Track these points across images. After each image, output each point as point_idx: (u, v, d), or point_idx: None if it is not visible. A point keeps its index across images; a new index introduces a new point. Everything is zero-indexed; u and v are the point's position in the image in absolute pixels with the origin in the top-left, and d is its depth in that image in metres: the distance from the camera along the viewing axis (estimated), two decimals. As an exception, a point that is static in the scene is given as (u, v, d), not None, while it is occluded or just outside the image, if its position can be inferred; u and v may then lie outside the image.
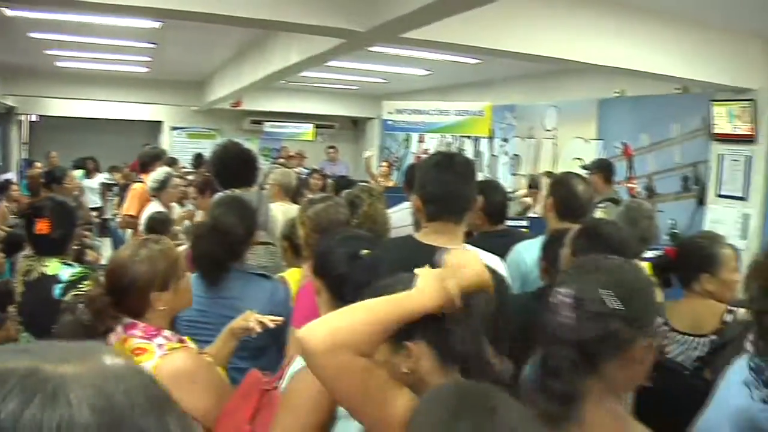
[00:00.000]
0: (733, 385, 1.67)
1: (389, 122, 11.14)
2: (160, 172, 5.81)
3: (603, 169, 7.00)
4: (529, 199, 7.91)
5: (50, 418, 0.53)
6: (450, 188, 2.47)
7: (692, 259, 2.92)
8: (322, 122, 15.97)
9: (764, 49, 6.40)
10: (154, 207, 5.45)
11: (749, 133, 6.56)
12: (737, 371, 1.70)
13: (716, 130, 6.87)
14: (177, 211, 6.13)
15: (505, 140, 10.98)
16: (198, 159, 9.96)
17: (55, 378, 0.56)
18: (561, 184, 3.52)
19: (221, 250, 2.90)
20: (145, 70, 11.81)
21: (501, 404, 1.14)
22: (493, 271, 1.55)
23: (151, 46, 9.03)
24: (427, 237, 2.48)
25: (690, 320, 2.84)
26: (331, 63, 8.50)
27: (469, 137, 11.59)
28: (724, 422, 1.61)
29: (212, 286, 2.87)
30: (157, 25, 7.21)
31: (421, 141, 13.13)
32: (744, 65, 6.38)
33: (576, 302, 1.38)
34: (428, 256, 1.54)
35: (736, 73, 6.36)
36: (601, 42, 5.69)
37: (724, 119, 6.78)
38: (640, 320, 1.37)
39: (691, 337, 2.80)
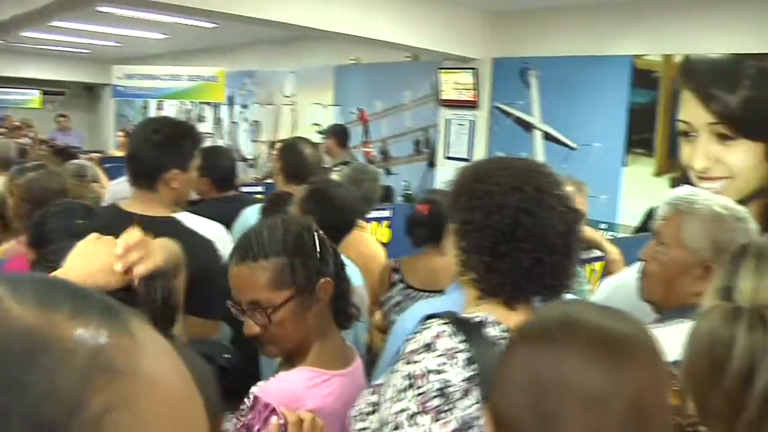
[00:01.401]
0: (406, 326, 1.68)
1: (119, 88, 10.38)
2: None
3: (338, 134, 7.05)
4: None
5: None
6: (136, 152, 2.31)
7: (444, 216, 2.95)
8: (51, 88, 14.72)
9: (485, 23, 6.74)
10: None
11: (472, 99, 6.92)
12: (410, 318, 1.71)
13: (444, 97, 7.17)
14: None
15: (245, 107, 10.76)
16: None
17: None
18: (288, 148, 3.55)
19: None
20: None
21: None
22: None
23: None
24: (129, 205, 2.31)
25: (425, 276, 2.87)
26: (57, 23, 7.78)
27: (208, 104, 11.21)
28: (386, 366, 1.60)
29: None
30: None
31: (159, 108, 12.52)
32: (468, 37, 6.68)
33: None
34: (126, 223, 1.38)
35: (460, 44, 6.65)
36: (336, 10, 5.67)
37: (451, 86, 7.08)
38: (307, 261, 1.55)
39: (425, 293, 2.80)
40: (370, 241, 3.45)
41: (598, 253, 3.75)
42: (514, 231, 1.38)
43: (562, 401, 0.83)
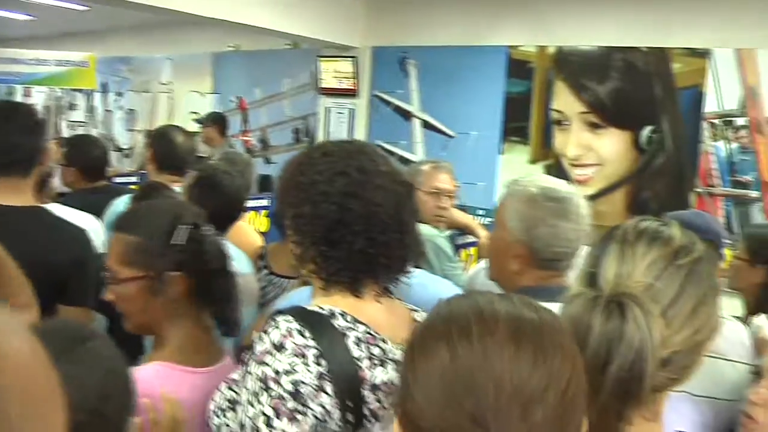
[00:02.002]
0: None
1: (-21, 73, 9.70)
2: None
3: (217, 122, 6.86)
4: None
5: None
6: (11, 139, 2.11)
7: None
8: None
9: (364, 11, 6.66)
10: None
11: (352, 88, 6.83)
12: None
13: (323, 85, 7.05)
14: None
15: (120, 94, 10.26)
16: None
17: None
18: (160, 136, 3.40)
19: None
20: None
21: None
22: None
23: None
24: None
25: (289, 263, 2.80)
26: None
27: (80, 91, 10.64)
28: None
29: None
30: None
31: (27, 95, 11.77)
32: (347, 25, 6.59)
33: None
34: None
35: (340, 32, 6.54)
36: (215, -6, 5.45)
37: (330, 75, 6.97)
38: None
39: (287, 280, 2.79)
40: (247, 230, 3.36)
41: (472, 238, 3.74)
42: (344, 216, 1.37)
43: (497, 400, 0.78)
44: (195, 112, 8.33)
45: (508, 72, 5.92)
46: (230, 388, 1.42)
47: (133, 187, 4.10)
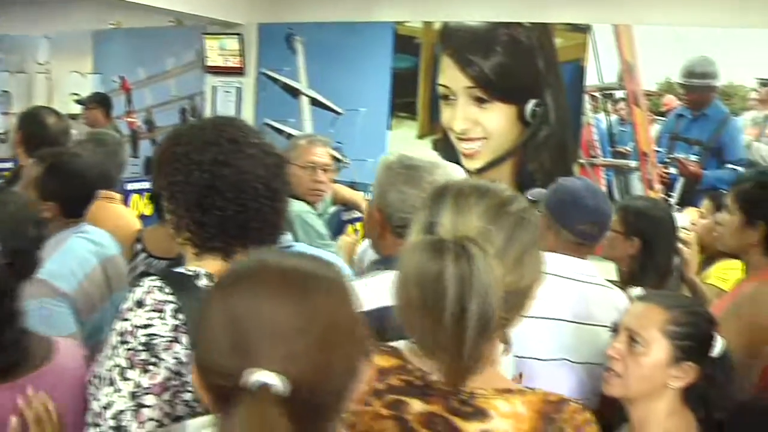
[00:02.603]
0: None
1: None
2: None
3: (100, 103, 6.53)
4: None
5: None
6: None
7: None
8: None
9: (250, -14, 6.46)
10: None
11: (239, 66, 6.62)
12: None
13: (209, 63, 6.80)
14: None
15: (-8, 75, 9.66)
16: None
17: None
18: (28, 117, 3.24)
19: None
20: None
21: None
22: None
23: None
24: None
25: (165, 244, 2.66)
26: None
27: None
28: None
29: None
30: None
31: None
32: (232, 1, 6.39)
33: None
34: None
35: (225, 9, 6.33)
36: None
37: (216, 52, 6.73)
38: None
39: (165, 262, 2.68)
40: (123, 213, 3.19)
41: (358, 213, 3.67)
42: (215, 183, 1.42)
43: (258, 335, 0.85)
44: (76, 94, 7.87)
45: (395, 48, 5.85)
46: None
47: (6, 174, 3.87)
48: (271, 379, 0.82)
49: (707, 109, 4.93)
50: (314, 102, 6.28)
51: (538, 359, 2.01)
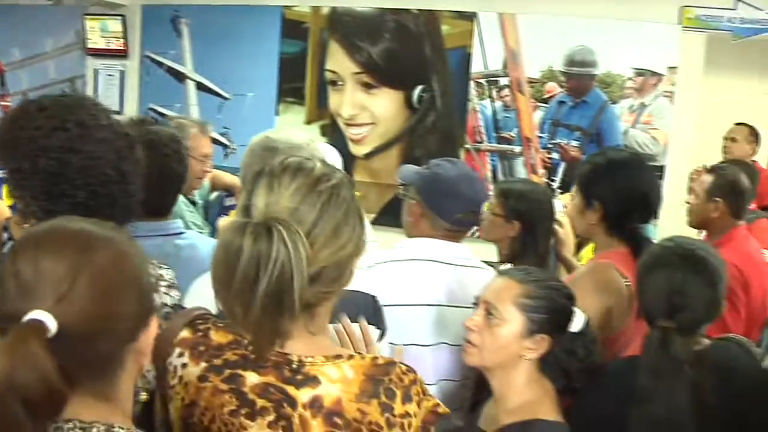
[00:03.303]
0: None
1: None
2: None
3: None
4: None
5: None
6: None
7: None
8: None
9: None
10: None
11: (122, 48, 6.31)
12: None
13: (90, 45, 6.44)
14: None
15: None
16: None
17: None
18: None
19: None
20: None
21: None
22: None
23: None
24: None
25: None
26: None
27: None
28: None
29: None
30: None
31: None
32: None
33: None
34: None
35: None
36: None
37: (98, 34, 6.40)
38: None
39: None
40: None
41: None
42: (63, 170, 1.40)
43: (37, 282, 0.95)
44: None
45: (283, 32, 5.71)
46: None
47: None
48: (41, 316, 0.91)
49: (587, 97, 5.05)
50: (200, 86, 6.06)
51: (418, 345, 2.01)
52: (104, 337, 0.97)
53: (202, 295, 1.46)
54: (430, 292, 2.05)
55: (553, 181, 5.01)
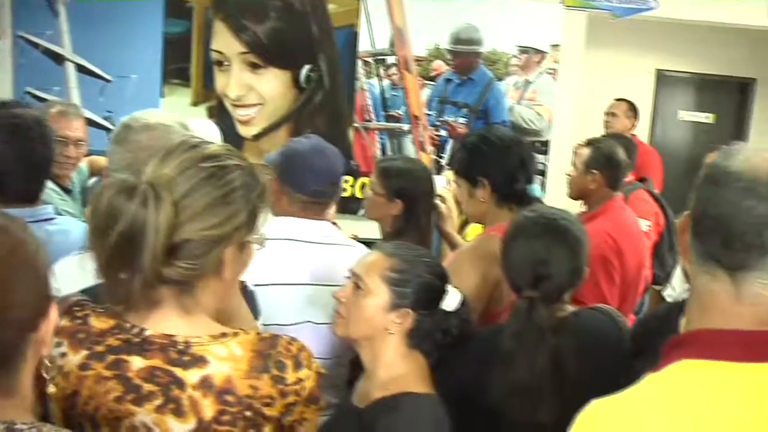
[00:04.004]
0: None
1: None
2: None
3: None
4: None
5: None
6: None
7: None
8: None
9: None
10: None
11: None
12: None
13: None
14: None
15: None
16: None
17: None
18: None
19: None
20: None
21: None
22: None
23: None
24: None
25: None
26: None
27: None
28: None
29: None
30: None
31: None
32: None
33: None
34: None
35: None
36: None
37: (-34, 14, 6.04)
38: None
39: None
40: None
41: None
42: None
43: None
44: None
45: (166, 12, 5.47)
46: None
47: None
48: None
49: (473, 74, 5.09)
50: (81, 69, 5.77)
51: (278, 324, 1.98)
52: (2, 327, 0.94)
53: (64, 275, 1.39)
54: (291, 272, 2.04)
55: (441, 158, 5.04)
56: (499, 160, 2.29)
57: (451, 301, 1.74)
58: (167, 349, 1.18)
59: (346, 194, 4.99)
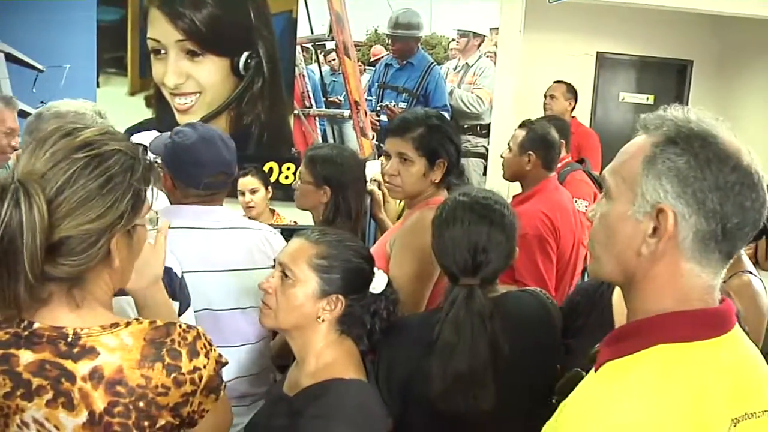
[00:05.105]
0: None
1: None
2: None
3: None
4: None
5: None
6: None
7: None
8: None
9: None
10: None
11: None
12: None
13: None
14: None
15: None
16: None
17: None
18: None
19: None
20: None
21: None
22: None
23: None
24: None
25: None
26: None
27: None
28: None
29: None
30: None
31: None
32: None
33: None
34: None
35: None
36: None
37: None
38: None
39: None
40: None
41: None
42: None
43: None
44: None
45: (99, -1, 5.35)
46: None
47: None
48: None
49: (413, 59, 5.07)
50: (10, 58, 5.60)
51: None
52: None
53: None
54: (182, 260, 1.93)
55: (382, 143, 5.01)
56: (455, 141, 2.27)
57: (378, 283, 1.73)
58: (56, 342, 1.15)
59: (287, 182, 4.95)
